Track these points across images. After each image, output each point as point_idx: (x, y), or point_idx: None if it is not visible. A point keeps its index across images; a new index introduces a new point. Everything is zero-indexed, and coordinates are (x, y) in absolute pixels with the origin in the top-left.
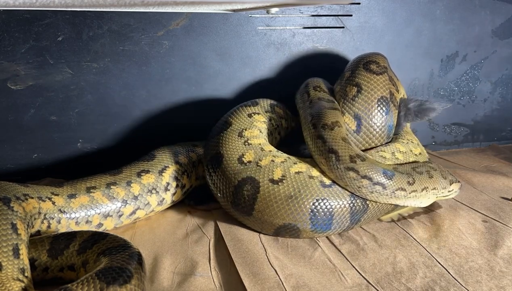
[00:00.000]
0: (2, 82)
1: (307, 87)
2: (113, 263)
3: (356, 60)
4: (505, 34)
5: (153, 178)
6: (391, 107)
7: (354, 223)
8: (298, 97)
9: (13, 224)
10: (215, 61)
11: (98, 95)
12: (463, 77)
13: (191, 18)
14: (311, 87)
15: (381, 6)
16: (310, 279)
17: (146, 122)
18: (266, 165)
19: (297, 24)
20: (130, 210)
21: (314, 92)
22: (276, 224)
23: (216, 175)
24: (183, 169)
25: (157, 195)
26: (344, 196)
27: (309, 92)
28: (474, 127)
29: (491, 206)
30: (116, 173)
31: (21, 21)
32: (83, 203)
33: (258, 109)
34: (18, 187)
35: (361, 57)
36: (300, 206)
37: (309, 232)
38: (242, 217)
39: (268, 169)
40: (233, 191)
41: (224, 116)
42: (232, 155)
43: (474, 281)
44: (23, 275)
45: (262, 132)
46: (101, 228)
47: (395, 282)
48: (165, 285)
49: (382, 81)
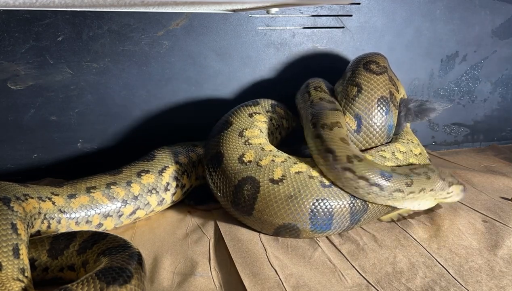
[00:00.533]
0: (2, 82)
1: (308, 87)
2: (113, 263)
3: (357, 60)
4: (505, 34)
5: (153, 178)
6: (391, 107)
7: (354, 223)
8: (299, 97)
9: (13, 224)
10: (215, 61)
11: (98, 95)
12: (463, 77)
13: (191, 18)
14: (312, 87)
15: (381, 6)
16: (310, 279)
17: (146, 122)
18: (266, 165)
19: (297, 24)
20: (130, 210)
21: (315, 92)
22: (276, 223)
23: (217, 174)
24: (183, 169)
25: (157, 195)
26: (344, 196)
27: (310, 93)
28: (474, 127)
29: (491, 206)
30: (116, 173)
31: (21, 21)
32: (83, 203)
33: (259, 109)
34: (18, 187)
35: (361, 57)
36: (300, 206)
37: (309, 232)
38: (242, 217)
39: (268, 168)
40: (233, 190)
41: (224, 115)
42: (233, 154)
43: (474, 281)
44: (23, 275)
45: (263, 132)
46: (101, 228)
47: (395, 282)
48: (165, 285)
49: (382, 81)
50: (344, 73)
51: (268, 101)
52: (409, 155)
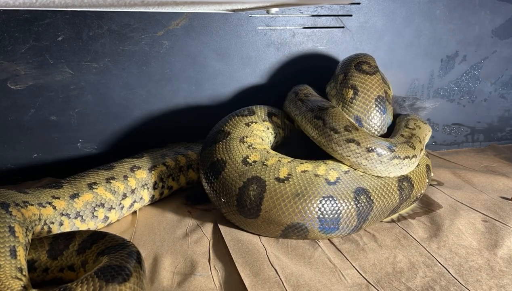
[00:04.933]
0: (2, 82)
1: (298, 95)
2: (112, 261)
3: (346, 62)
4: (505, 34)
5: (145, 173)
6: (387, 105)
7: (361, 222)
8: (291, 106)
9: (10, 227)
10: (215, 61)
11: (98, 95)
12: (463, 77)
13: (191, 18)
14: (303, 94)
15: (381, 6)
16: (311, 279)
17: (146, 122)
18: (273, 164)
19: (297, 24)
20: (129, 203)
21: (306, 98)
22: (284, 223)
23: (218, 181)
24: (169, 172)
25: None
26: (349, 193)
27: (302, 99)
28: (474, 127)
29: (491, 205)
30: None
31: (21, 21)
32: (87, 200)
33: (255, 119)
34: (18, 194)
35: (350, 58)
36: (308, 204)
37: (317, 232)
38: (248, 220)
39: (274, 167)
40: (238, 193)
41: (217, 124)
42: (236, 158)
43: (474, 280)
44: (21, 274)
45: (264, 140)
46: (107, 221)
47: (395, 282)
48: (165, 285)
49: (376, 81)
50: (334, 76)
51: (264, 109)
52: None
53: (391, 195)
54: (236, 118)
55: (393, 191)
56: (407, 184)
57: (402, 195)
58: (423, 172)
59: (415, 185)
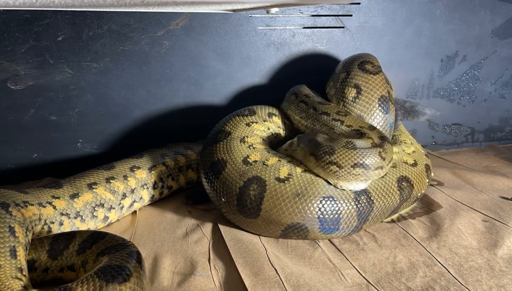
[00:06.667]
0: (2, 82)
1: (299, 97)
2: (112, 261)
3: (349, 61)
4: (505, 34)
5: (144, 173)
6: (390, 106)
7: (361, 223)
8: (293, 107)
9: (10, 227)
10: (215, 61)
11: (98, 95)
12: (463, 77)
13: (191, 18)
14: (303, 95)
15: (381, 6)
16: (311, 278)
17: (146, 122)
18: (273, 164)
19: (297, 24)
20: (128, 202)
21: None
22: (285, 223)
23: (218, 180)
24: (168, 172)
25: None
26: (349, 193)
27: (306, 101)
28: (474, 127)
29: (491, 205)
30: (109, 167)
31: (21, 21)
32: (87, 200)
33: (256, 119)
34: (18, 194)
35: (353, 58)
36: (308, 204)
37: (317, 232)
38: (248, 220)
39: (275, 167)
40: (238, 193)
41: (218, 124)
42: (236, 158)
43: (474, 280)
44: (21, 274)
45: (265, 141)
46: (107, 221)
47: (395, 282)
48: (165, 284)
49: (379, 80)
50: (334, 75)
51: (264, 109)
52: (402, 154)
53: (392, 195)
54: (237, 118)
55: (394, 191)
56: (407, 184)
57: (403, 195)
58: (423, 172)
59: (415, 185)
